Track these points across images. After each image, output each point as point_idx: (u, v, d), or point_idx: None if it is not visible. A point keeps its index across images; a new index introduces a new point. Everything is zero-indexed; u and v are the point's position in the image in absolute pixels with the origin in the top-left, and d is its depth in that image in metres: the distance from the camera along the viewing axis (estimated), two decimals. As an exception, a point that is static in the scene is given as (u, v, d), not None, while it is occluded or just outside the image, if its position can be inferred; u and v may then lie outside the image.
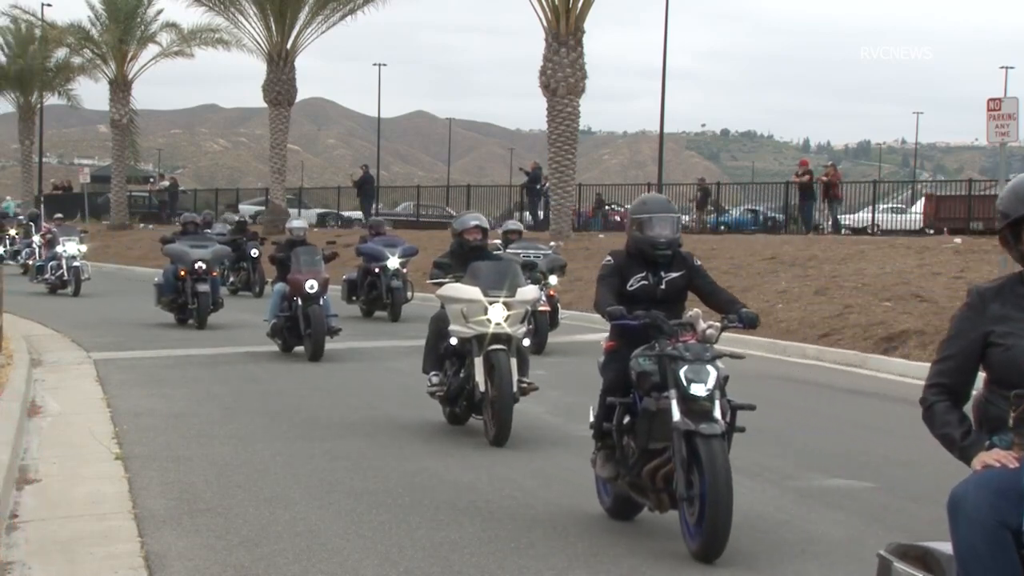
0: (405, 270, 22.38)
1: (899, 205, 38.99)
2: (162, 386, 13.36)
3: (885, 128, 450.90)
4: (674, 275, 7.64)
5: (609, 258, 7.67)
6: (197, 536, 7.11)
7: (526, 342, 10.85)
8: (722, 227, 37.17)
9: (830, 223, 33.42)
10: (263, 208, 48.69)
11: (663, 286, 7.57)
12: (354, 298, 22.71)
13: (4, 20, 57.34)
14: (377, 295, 22.15)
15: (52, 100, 62.72)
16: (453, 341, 10.57)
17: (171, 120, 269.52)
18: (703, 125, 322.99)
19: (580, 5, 30.96)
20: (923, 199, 34.95)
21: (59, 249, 26.56)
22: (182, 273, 19.66)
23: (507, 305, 10.34)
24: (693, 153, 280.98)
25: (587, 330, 19.53)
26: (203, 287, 19.69)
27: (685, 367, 6.86)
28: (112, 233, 48.41)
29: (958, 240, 24.38)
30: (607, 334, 7.79)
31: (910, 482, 8.99)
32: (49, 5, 59.20)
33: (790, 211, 35.40)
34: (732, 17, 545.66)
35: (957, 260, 21.24)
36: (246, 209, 53.67)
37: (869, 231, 33.63)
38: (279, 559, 6.65)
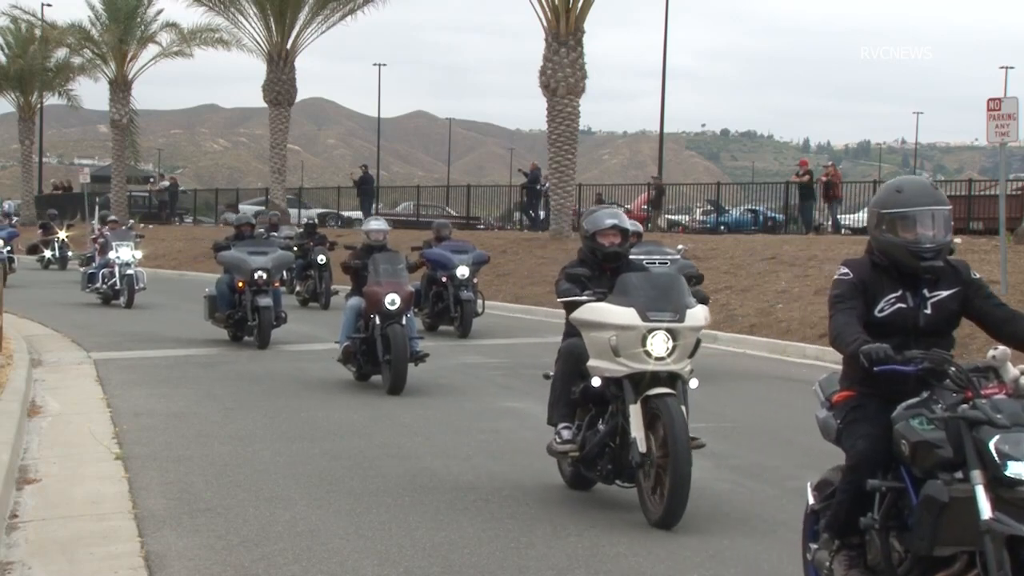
0: (475, 280, 19.82)
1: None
2: (162, 386, 13.36)
3: (885, 128, 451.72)
4: (943, 294, 5.52)
5: (846, 271, 5.56)
6: (197, 536, 7.11)
7: (694, 383, 8.03)
8: (722, 227, 37.17)
9: (830, 223, 33.40)
10: (263, 208, 48.66)
11: (927, 310, 5.48)
12: (416, 310, 19.96)
13: (4, 20, 57.39)
14: (444, 307, 19.53)
15: (52, 100, 62.79)
16: (595, 382, 7.93)
17: (171, 120, 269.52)
18: (703, 125, 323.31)
19: (580, 5, 30.94)
20: (923, 199, 34.86)
21: (111, 255, 23.78)
22: (239, 285, 17.05)
23: (673, 333, 7.75)
24: (693, 153, 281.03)
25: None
26: (264, 300, 16.92)
27: (997, 436, 4.76)
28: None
29: (958, 240, 24.35)
30: (827, 379, 5.91)
31: (910, 482, 8.98)
32: (49, 5, 59.35)
33: (790, 211, 35.39)
34: (732, 17, 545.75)
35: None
36: (246, 209, 53.69)
37: (869, 231, 33.54)
38: (279, 559, 6.65)
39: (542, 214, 38.65)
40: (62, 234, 37.38)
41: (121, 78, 51.95)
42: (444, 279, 19.43)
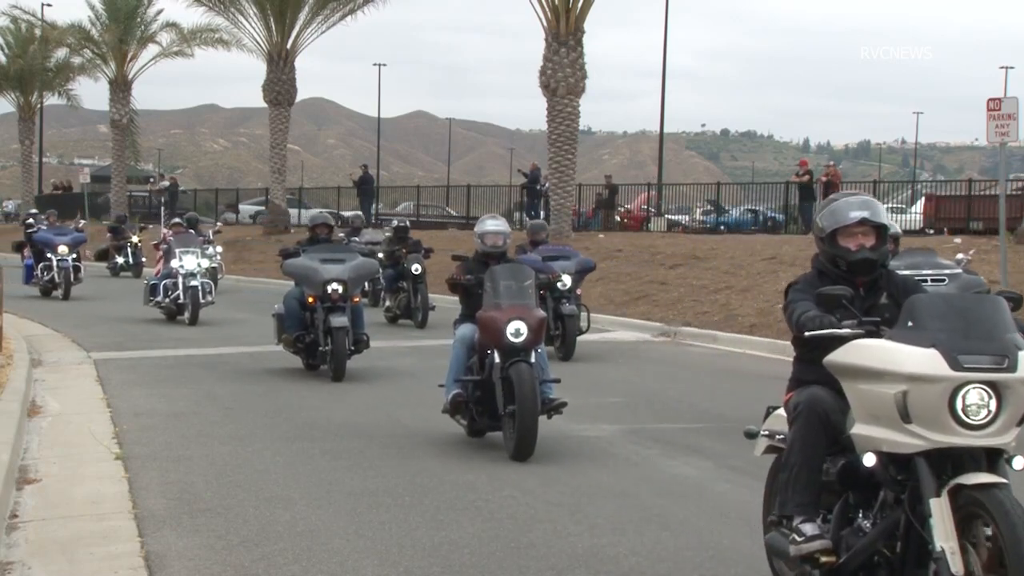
0: (579, 291, 17.32)
1: (899, 205, 38.97)
2: (162, 386, 13.35)
3: (885, 128, 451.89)
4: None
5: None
6: (197, 536, 7.11)
7: (1019, 462, 5.16)
8: (722, 227, 37.18)
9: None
10: (263, 208, 48.72)
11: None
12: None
13: (4, 20, 57.48)
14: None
15: (52, 100, 62.88)
16: (868, 460, 5.31)
17: (171, 120, 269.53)
18: (703, 125, 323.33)
19: (580, 5, 30.95)
20: (923, 199, 34.94)
21: (175, 264, 20.61)
22: (310, 300, 14.18)
23: (997, 388, 4.99)
24: (693, 153, 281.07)
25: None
26: (338, 320, 13.78)
27: None
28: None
29: (958, 240, 24.37)
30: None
31: (910, 482, 8.97)
32: (49, 5, 59.42)
33: (790, 211, 35.39)
34: (732, 17, 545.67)
35: (957, 260, 21.21)
36: (246, 209, 53.77)
37: (869, 231, 33.53)
38: (279, 559, 6.65)
39: (542, 214, 38.65)
40: (135, 238, 34.93)
41: (121, 78, 51.98)
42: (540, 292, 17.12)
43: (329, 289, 14.02)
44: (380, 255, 20.21)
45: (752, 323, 19.61)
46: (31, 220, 37.41)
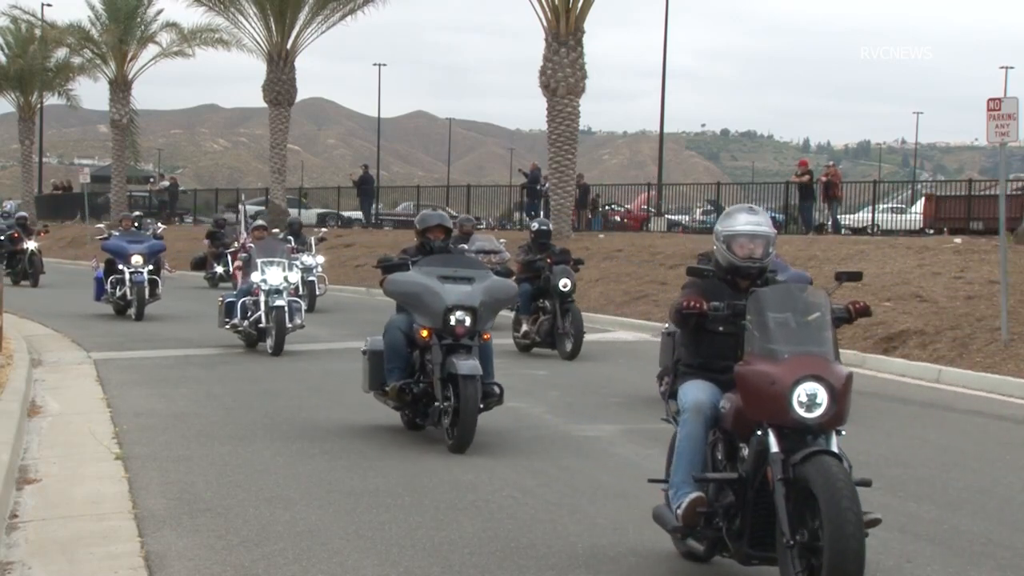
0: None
1: (899, 205, 38.99)
2: (162, 386, 13.35)
3: (885, 128, 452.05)
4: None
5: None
6: (197, 536, 7.11)
7: None
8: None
9: (830, 223, 33.42)
10: (263, 208, 48.72)
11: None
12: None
13: (4, 20, 57.45)
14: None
15: (52, 100, 62.84)
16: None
17: (171, 120, 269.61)
18: (703, 125, 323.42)
19: (580, 5, 30.95)
20: (923, 199, 34.94)
21: (255, 278, 16.77)
22: (423, 334, 10.21)
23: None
24: (693, 153, 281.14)
25: (585, 330, 19.48)
26: (466, 364, 9.83)
27: None
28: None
29: (958, 240, 24.37)
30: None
31: (910, 482, 8.98)
32: (49, 5, 59.42)
33: (790, 211, 35.40)
34: (732, 17, 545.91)
35: (957, 260, 21.24)
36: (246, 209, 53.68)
37: (869, 231, 33.63)
38: (279, 559, 6.65)
39: (542, 214, 38.65)
40: (236, 244, 29.92)
41: (121, 78, 51.99)
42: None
43: (452, 320, 9.95)
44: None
45: (752, 323, 19.59)
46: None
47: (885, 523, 7.65)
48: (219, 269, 30.15)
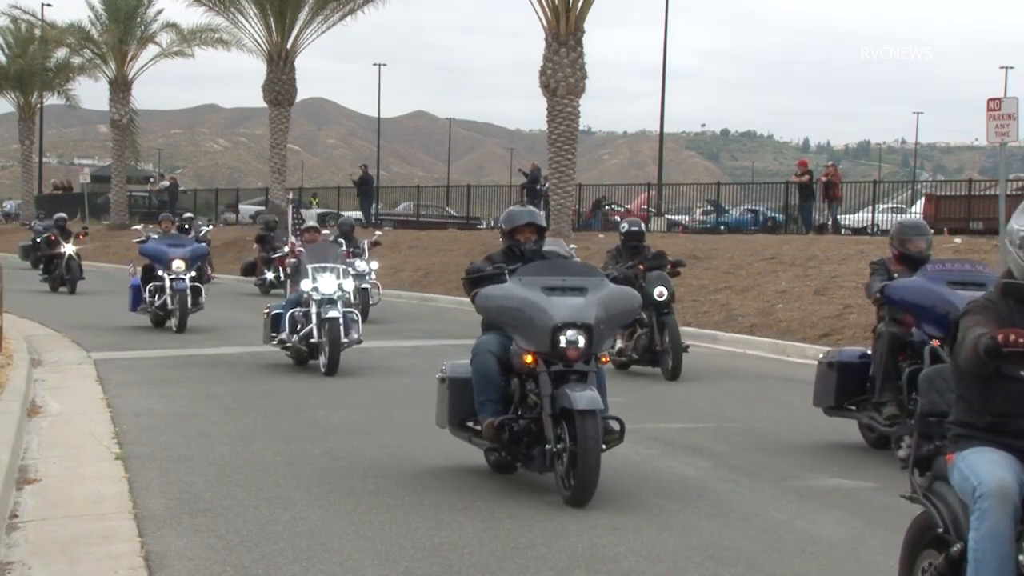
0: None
1: (899, 205, 39.01)
2: (162, 386, 13.35)
3: (885, 128, 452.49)
4: None
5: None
6: (197, 536, 7.11)
7: None
8: (722, 227, 37.19)
9: (830, 223, 33.44)
10: (263, 208, 48.73)
11: None
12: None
13: (4, 20, 57.51)
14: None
15: (52, 100, 62.89)
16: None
17: (171, 120, 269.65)
18: (703, 125, 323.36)
19: (580, 5, 30.96)
20: (923, 199, 34.96)
21: (306, 287, 14.79)
22: (527, 360, 8.23)
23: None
24: (693, 153, 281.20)
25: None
26: (583, 395, 7.96)
27: None
28: (112, 233, 48.46)
29: (958, 240, 24.38)
30: None
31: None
32: (49, 5, 59.47)
33: (790, 211, 35.41)
34: (733, 17, 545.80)
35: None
36: (246, 209, 53.76)
37: (869, 231, 33.64)
38: (279, 559, 6.65)
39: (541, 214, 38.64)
40: (286, 247, 29.27)
41: (121, 78, 52.00)
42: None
43: (563, 341, 8.04)
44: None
45: (752, 323, 19.61)
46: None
47: (885, 523, 7.66)
48: (269, 275, 27.56)
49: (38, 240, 29.79)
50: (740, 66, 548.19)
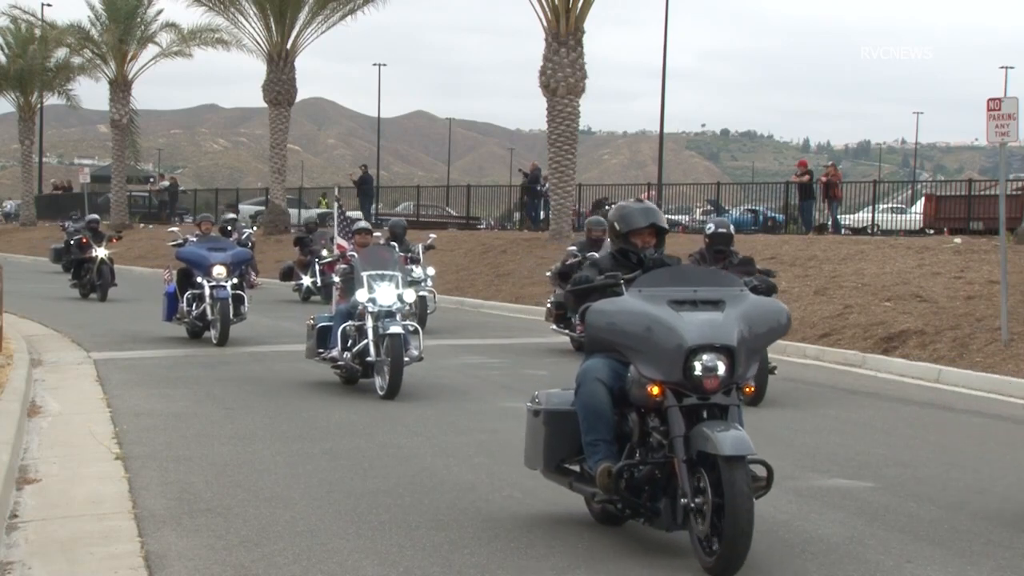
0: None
1: (899, 205, 39.02)
2: (162, 386, 13.35)
3: (885, 128, 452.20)
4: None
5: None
6: (197, 536, 7.11)
7: None
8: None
9: (830, 223, 33.45)
10: (263, 208, 48.74)
11: None
12: None
13: (4, 20, 57.50)
14: None
15: (52, 100, 62.85)
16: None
17: (171, 120, 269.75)
18: (703, 125, 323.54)
19: (580, 5, 30.95)
20: (923, 199, 34.96)
21: (360, 297, 13.12)
22: (653, 391, 6.62)
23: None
24: (693, 153, 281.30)
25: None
26: (728, 437, 6.34)
27: None
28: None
29: (958, 240, 24.37)
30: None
31: (910, 482, 8.98)
32: (49, 5, 59.52)
33: (790, 211, 35.41)
34: (733, 17, 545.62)
35: (957, 260, 21.25)
36: (246, 209, 53.76)
37: (869, 231, 33.64)
38: (279, 559, 6.65)
39: (542, 215, 38.67)
40: (325, 252, 25.11)
41: (121, 78, 52.00)
42: None
43: (698, 368, 6.50)
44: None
45: (752, 323, 19.59)
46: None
47: (885, 523, 7.66)
48: (306, 280, 25.91)
49: (71, 242, 28.53)
50: (740, 66, 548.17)
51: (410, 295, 13.60)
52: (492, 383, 14.15)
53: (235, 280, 17.74)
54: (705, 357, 6.47)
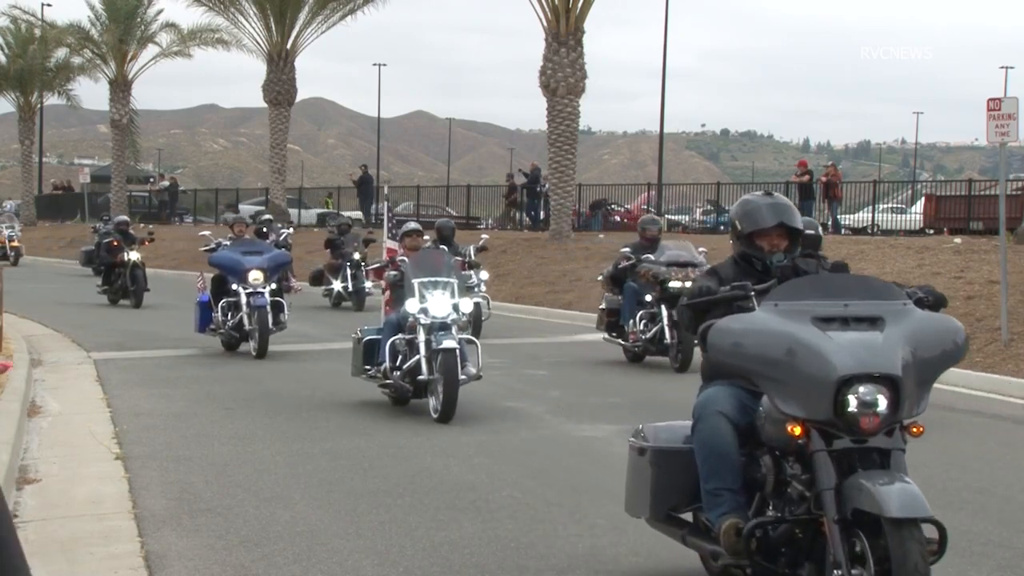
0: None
1: (899, 205, 39.02)
2: (162, 386, 13.35)
3: (885, 128, 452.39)
4: None
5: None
6: (197, 536, 7.11)
7: None
8: (722, 227, 37.18)
9: (830, 223, 33.46)
10: (263, 208, 48.75)
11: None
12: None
13: (4, 20, 57.48)
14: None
15: (52, 100, 62.85)
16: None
17: (171, 120, 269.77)
18: (703, 125, 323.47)
19: (580, 5, 30.95)
20: (923, 199, 34.96)
21: (411, 308, 11.61)
22: (794, 432, 5.27)
23: None
24: (693, 153, 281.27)
25: (585, 330, 19.50)
26: (890, 497, 4.94)
27: None
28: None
29: (958, 240, 24.37)
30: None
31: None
32: (49, 5, 59.47)
33: (790, 211, 35.38)
34: (733, 17, 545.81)
35: (957, 260, 21.24)
36: (246, 209, 53.76)
37: (869, 231, 33.65)
38: (279, 559, 6.65)
39: (542, 215, 38.68)
40: (357, 255, 24.26)
41: (121, 78, 52.01)
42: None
43: (853, 403, 5.11)
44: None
45: (752, 323, 19.58)
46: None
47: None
48: (337, 285, 24.40)
49: (101, 245, 27.10)
50: (740, 66, 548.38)
51: (467, 304, 12.10)
52: (492, 383, 14.14)
53: (273, 286, 16.46)
54: (861, 389, 5.08)
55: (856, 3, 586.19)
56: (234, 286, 16.29)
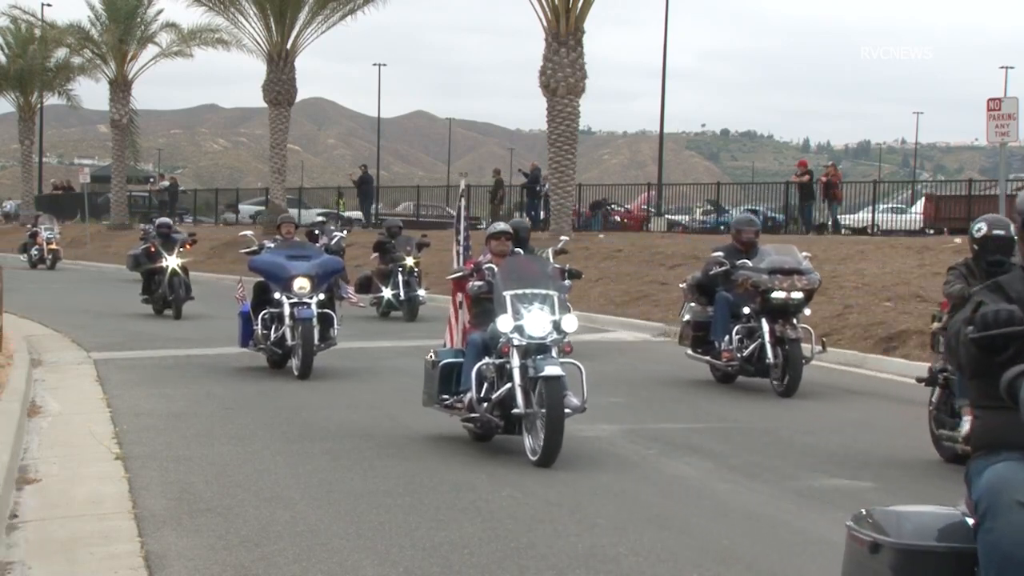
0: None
1: (899, 205, 39.02)
2: (162, 386, 13.35)
3: (885, 128, 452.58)
4: None
5: None
6: (197, 536, 7.11)
7: None
8: (722, 227, 37.19)
9: (830, 223, 33.46)
10: (263, 208, 48.75)
11: None
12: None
13: (4, 20, 57.47)
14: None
15: (52, 100, 62.86)
16: None
17: (171, 120, 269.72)
18: (703, 125, 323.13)
19: (580, 5, 30.96)
20: (923, 199, 34.98)
21: (503, 326, 9.57)
22: None
23: None
24: (693, 153, 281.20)
25: (584, 330, 19.50)
26: None
27: None
28: (112, 233, 48.47)
29: (958, 240, 24.34)
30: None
31: (910, 482, 8.98)
32: (49, 5, 59.47)
33: (790, 211, 35.42)
34: (733, 17, 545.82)
35: (957, 260, 21.24)
36: (246, 209, 53.78)
37: (869, 231, 33.65)
38: (279, 559, 6.65)
39: (542, 215, 38.69)
40: (409, 260, 22.08)
41: (121, 78, 52.01)
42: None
43: None
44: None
45: (752, 323, 19.58)
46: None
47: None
48: (387, 293, 22.08)
49: (139, 251, 24.54)
50: (740, 66, 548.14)
51: (571, 322, 9.86)
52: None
53: (321, 296, 14.46)
54: None
55: (856, 3, 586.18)
56: (277, 295, 14.35)
